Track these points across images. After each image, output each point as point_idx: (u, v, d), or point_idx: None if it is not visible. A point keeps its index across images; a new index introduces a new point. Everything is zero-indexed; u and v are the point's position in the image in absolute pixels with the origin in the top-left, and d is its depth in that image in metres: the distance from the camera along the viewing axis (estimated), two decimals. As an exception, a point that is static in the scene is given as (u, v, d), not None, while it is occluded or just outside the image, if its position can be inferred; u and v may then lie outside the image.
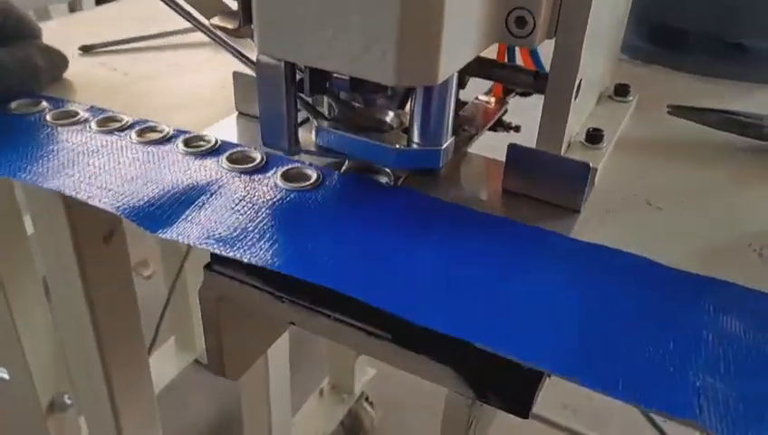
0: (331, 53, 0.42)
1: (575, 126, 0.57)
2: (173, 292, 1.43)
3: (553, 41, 0.49)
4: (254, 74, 0.58)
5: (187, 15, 0.58)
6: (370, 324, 0.52)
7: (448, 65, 0.42)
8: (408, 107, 0.55)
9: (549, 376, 0.43)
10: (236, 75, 0.62)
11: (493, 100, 0.66)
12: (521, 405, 0.47)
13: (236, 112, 0.64)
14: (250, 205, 0.51)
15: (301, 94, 0.49)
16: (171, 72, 0.76)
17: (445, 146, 0.49)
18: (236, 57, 0.57)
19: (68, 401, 1.21)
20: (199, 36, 0.80)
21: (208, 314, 0.60)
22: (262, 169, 0.54)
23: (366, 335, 0.52)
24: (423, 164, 0.50)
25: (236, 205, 0.51)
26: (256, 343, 0.66)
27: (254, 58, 0.49)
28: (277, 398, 1.17)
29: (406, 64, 0.40)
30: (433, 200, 0.51)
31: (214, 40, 0.58)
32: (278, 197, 0.51)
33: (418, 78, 0.41)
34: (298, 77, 0.48)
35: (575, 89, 0.51)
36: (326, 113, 0.54)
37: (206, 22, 0.55)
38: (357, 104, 0.53)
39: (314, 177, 0.53)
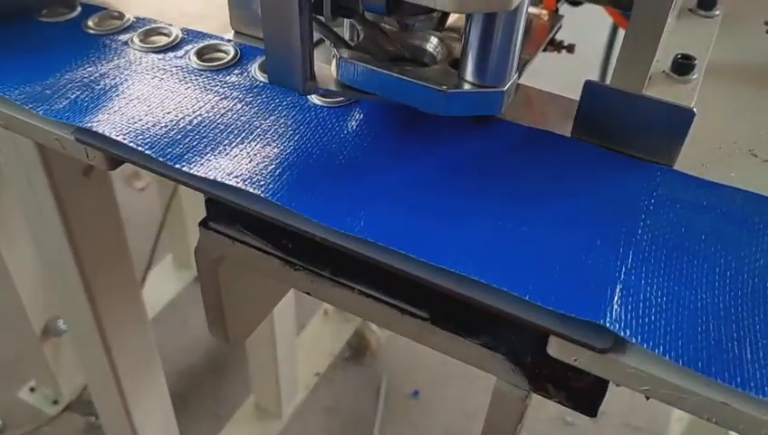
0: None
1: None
2: (168, 211, 1.34)
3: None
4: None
5: None
6: (404, 300, 0.44)
7: (525, -19, 0.30)
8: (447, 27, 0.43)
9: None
10: (231, -16, 0.49)
11: (545, 13, 0.54)
12: (590, 403, 0.40)
13: (232, 31, 0.51)
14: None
15: (318, 17, 0.37)
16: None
17: (507, 86, 0.38)
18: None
19: (63, 326, 1.18)
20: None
21: (207, 276, 0.52)
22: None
23: (399, 313, 0.44)
24: (478, 111, 0.39)
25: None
26: (260, 305, 0.58)
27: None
28: (281, 317, 1.15)
29: (472, -18, 0.28)
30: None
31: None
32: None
33: (488, 1, 0.29)
34: (314, -7, 0.36)
35: (675, 6, 0.39)
36: (348, 38, 0.42)
37: None
38: (388, 26, 0.41)
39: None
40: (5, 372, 1.30)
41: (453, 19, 0.47)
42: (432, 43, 0.41)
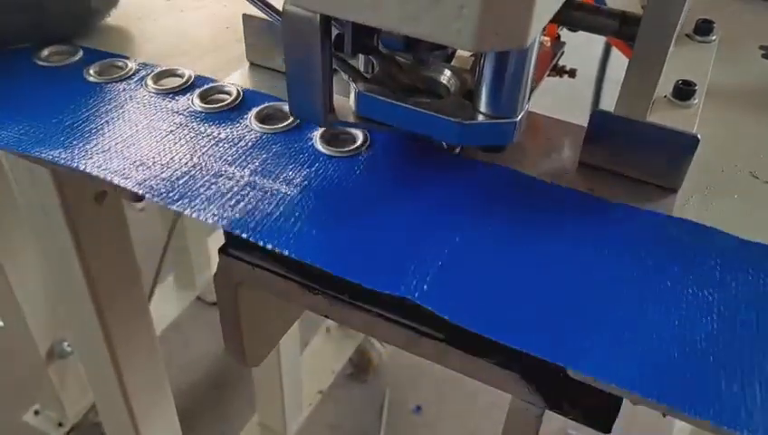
0: (386, 5, 0.32)
1: (658, 78, 0.47)
2: (172, 232, 1.35)
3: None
4: (267, 18, 0.48)
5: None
6: (419, 322, 0.45)
7: (539, 20, 0.32)
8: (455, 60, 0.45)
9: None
10: (247, 19, 0.50)
11: (547, 39, 0.56)
12: (605, 419, 0.42)
13: (248, 63, 0.53)
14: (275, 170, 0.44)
15: (338, 53, 0.39)
16: (167, 10, 0.64)
17: (520, 117, 0.39)
18: (254, 3, 0.45)
19: (68, 349, 1.18)
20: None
21: (226, 301, 0.53)
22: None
23: (417, 335, 0.45)
24: (491, 141, 0.40)
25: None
26: (276, 327, 0.59)
27: (278, 6, 0.39)
28: (286, 336, 1.13)
29: (490, 24, 0.30)
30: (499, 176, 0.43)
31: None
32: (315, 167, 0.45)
33: (504, 41, 0.31)
34: (334, 31, 0.38)
35: (675, 35, 0.41)
36: (363, 70, 0.44)
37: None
38: (402, 59, 0.43)
39: (359, 140, 0.46)
40: (10, 395, 1.30)
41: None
42: (445, 76, 0.42)
